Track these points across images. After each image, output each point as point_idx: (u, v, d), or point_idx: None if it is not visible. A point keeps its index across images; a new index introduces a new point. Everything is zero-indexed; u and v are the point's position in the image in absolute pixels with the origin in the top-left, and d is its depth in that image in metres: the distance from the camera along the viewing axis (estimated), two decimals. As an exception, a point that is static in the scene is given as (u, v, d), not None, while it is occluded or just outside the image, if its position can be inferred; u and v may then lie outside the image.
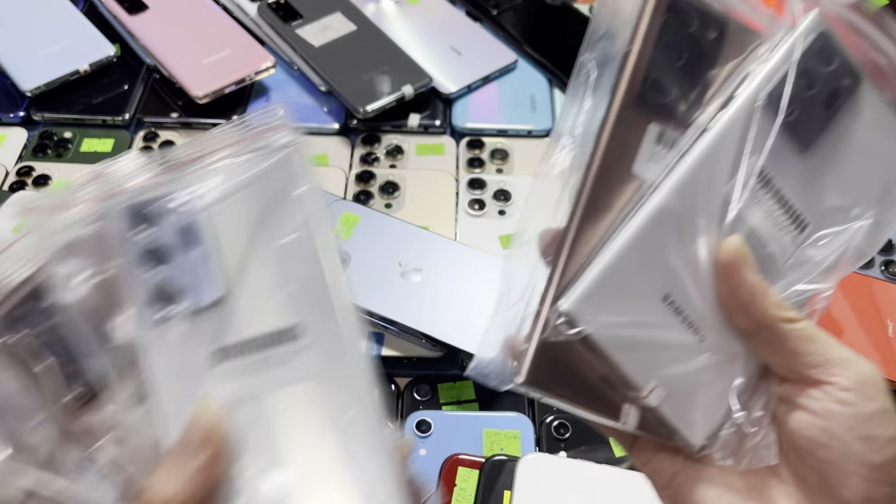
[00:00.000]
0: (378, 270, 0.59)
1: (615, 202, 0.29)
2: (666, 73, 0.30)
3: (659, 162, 0.30)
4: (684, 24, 0.30)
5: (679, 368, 0.29)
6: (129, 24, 0.76)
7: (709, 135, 0.30)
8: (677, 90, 0.30)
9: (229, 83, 0.72)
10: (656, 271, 0.29)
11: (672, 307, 0.29)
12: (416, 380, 0.58)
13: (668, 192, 0.29)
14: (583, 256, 0.29)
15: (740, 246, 0.29)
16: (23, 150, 0.72)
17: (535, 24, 0.83)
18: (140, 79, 0.77)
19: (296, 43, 0.75)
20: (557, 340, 0.28)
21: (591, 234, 0.29)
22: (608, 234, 0.29)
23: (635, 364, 0.29)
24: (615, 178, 0.29)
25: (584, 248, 0.29)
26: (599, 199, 0.29)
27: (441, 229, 0.64)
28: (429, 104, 0.75)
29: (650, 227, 0.29)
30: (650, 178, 0.30)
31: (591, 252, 0.29)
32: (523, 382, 0.29)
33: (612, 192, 0.29)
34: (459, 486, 0.51)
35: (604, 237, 0.29)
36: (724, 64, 0.31)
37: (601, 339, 0.28)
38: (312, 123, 0.74)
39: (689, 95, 0.30)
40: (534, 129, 0.75)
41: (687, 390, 0.29)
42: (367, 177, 0.69)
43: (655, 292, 0.29)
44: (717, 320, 0.29)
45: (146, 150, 0.72)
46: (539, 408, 0.57)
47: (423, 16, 0.83)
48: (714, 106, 0.30)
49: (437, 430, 0.54)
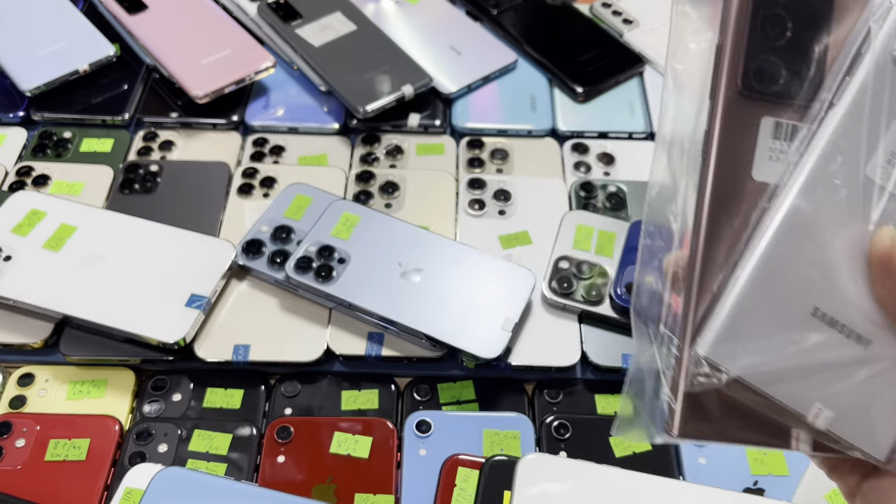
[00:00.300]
0: (378, 270, 0.59)
1: (740, 216, 0.26)
2: (769, 55, 0.26)
3: (781, 159, 0.26)
4: None
5: (844, 384, 0.26)
6: (128, 23, 0.76)
7: (836, 110, 0.25)
8: (786, 71, 0.26)
9: (229, 83, 0.72)
10: (798, 285, 0.25)
11: (824, 320, 0.26)
12: (416, 380, 0.58)
13: (796, 192, 0.25)
14: (715, 286, 0.26)
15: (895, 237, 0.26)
16: (22, 149, 0.72)
17: (535, 24, 0.83)
18: (140, 79, 0.77)
19: (296, 43, 0.75)
20: (704, 388, 0.26)
21: (720, 257, 0.26)
22: (738, 254, 0.26)
23: (793, 392, 0.26)
24: (734, 189, 0.26)
25: (714, 275, 0.26)
26: (721, 217, 0.26)
27: (441, 229, 0.64)
28: (429, 104, 0.75)
29: (783, 237, 0.25)
30: (774, 181, 0.26)
31: (723, 279, 0.26)
32: (678, 436, 0.27)
33: (734, 206, 0.26)
34: (459, 486, 0.51)
35: (734, 259, 0.26)
36: (839, 23, 0.26)
37: (750, 377, 0.25)
38: (312, 123, 0.74)
39: (801, 73, 0.26)
40: (534, 129, 0.75)
41: (858, 405, 0.27)
42: (366, 177, 0.69)
43: (802, 309, 0.26)
44: (879, 323, 0.26)
45: (146, 151, 0.72)
46: (539, 408, 0.57)
47: (423, 15, 0.83)
48: (835, 75, 0.26)
49: (437, 430, 0.54)
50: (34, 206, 0.62)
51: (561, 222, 0.64)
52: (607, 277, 0.60)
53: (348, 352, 0.58)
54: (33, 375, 0.57)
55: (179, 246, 0.61)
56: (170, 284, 0.58)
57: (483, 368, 0.59)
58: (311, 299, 0.60)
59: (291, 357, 0.58)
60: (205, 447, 0.53)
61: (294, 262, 0.58)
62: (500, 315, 0.57)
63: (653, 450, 0.54)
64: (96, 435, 0.53)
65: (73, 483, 0.51)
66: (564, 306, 0.60)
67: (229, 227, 0.66)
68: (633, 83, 0.79)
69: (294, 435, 0.54)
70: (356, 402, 0.57)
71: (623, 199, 0.68)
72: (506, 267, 0.60)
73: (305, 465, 0.52)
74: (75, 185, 0.68)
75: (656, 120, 0.76)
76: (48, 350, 0.58)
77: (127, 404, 0.56)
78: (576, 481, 0.48)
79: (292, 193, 0.65)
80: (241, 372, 0.58)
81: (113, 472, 0.52)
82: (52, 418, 0.54)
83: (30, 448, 0.52)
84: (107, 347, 0.57)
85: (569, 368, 0.58)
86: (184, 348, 0.57)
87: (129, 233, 0.62)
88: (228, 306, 0.60)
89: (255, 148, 0.73)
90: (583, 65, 0.79)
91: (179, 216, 0.65)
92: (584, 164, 0.72)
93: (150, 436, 0.54)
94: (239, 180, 0.69)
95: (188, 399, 0.57)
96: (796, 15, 0.26)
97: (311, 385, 0.58)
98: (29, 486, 0.51)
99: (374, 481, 0.52)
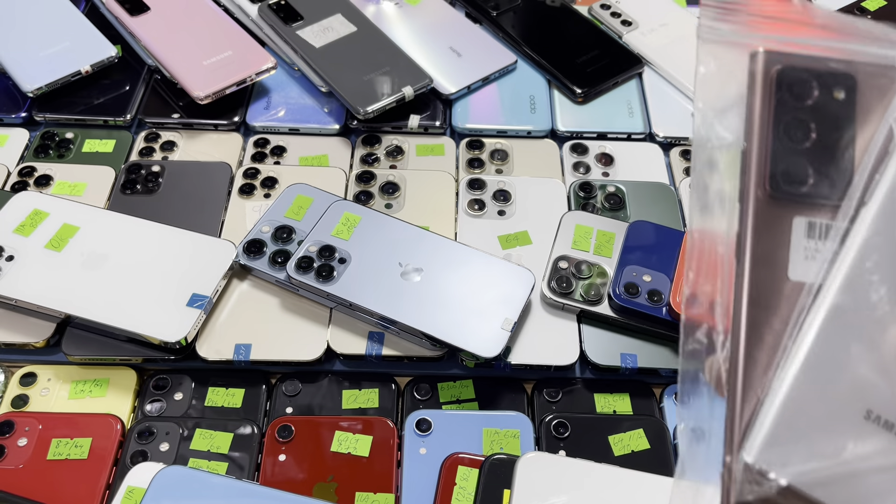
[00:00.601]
0: (378, 270, 0.59)
1: (780, 317, 0.26)
2: (795, 157, 0.26)
3: (816, 258, 0.26)
4: (802, 97, 0.26)
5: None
6: (130, 25, 0.77)
7: (868, 208, 0.25)
8: (814, 172, 0.26)
9: (230, 84, 0.73)
10: (848, 387, 0.25)
11: (879, 423, 0.25)
12: (416, 379, 0.59)
13: (836, 291, 0.25)
14: (759, 389, 0.25)
15: None
16: (24, 150, 0.72)
17: (535, 26, 0.83)
18: (141, 79, 0.77)
19: (296, 44, 0.75)
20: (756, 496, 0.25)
21: (762, 359, 0.26)
22: (781, 356, 0.25)
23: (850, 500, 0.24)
24: (772, 291, 0.26)
25: (758, 378, 0.25)
26: (761, 319, 0.26)
27: (441, 229, 0.65)
28: (429, 105, 0.76)
29: (826, 338, 0.25)
30: (811, 280, 0.26)
31: (767, 383, 0.25)
32: None
33: (772, 308, 0.26)
34: (459, 484, 0.51)
35: (777, 360, 0.25)
36: (863, 124, 0.26)
37: (802, 484, 0.24)
38: (313, 124, 0.75)
39: (829, 173, 0.26)
40: (533, 130, 0.75)
41: None
42: (367, 177, 0.70)
43: (854, 411, 0.25)
44: None
45: (148, 152, 0.72)
46: (538, 407, 0.57)
47: (422, 17, 0.83)
48: (863, 174, 0.26)
49: (436, 429, 0.54)
50: (36, 207, 0.63)
51: (560, 222, 0.64)
52: (606, 277, 0.61)
53: (349, 351, 0.58)
54: (35, 375, 0.58)
55: (181, 246, 0.62)
56: (171, 284, 0.59)
57: (483, 368, 0.59)
58: (312, 299, 0.60)
59: (292, 356, 0.58)
60: (206, 446, 0.54)
61: (295, 261, 0.59)
62: (500, 314, 0.57)
63: (651, 449, 0.54)
64: (98, 434, 0.53)
65: (75, 482, 0.51)
66: (563, 306, 0.60)
67: (230, 227, 0.66)
68: (632, 84, 0.80)
69: (295, 434, 0.54)
70: (357, 401, 0.57)
71: (622, 200, 0.69)
72: (505, 267, 0.60)
73: (306, 464, 0.53)
74: (77, 185, 0.68)
75: (655, 121, 0.76)
76: (50, 349, 0.59)
77: (129, 403, 0.57)
78: (575, 480, 0.48)
79: (293, 194, 0.65)
80: (243, 371, 0.59)
81: (115, 470, 0.52)
82: (54, 417, 0.54)
83: (32, 447, 0.53)
84: (109, 347, 0.58)
85: (568, 368, 0.58)
86: (185, 347, 0.57)
87: (131, 233, 0.62)
88: (230, 306, 0.60)
89: (256, 148, 0.73)
90: (582, 66, 0.79)
91: (181, 216, 0.65)
92: (583, 165, 0.73)
93: (152, 435, 0.54)
94: (240, 181, 0.69)
95: (189, 398, 0.57)
96: (819, 118, 0.26)
97: (311, 384, 0.58)
98: (31, 485, 0.51)
99: (375, 480, 0.52)
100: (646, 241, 0.62)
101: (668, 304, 0.57)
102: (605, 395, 0.58)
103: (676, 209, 0.68)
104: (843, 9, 0.87)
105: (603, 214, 0.67)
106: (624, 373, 0.59)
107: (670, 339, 0.59)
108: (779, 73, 0.26)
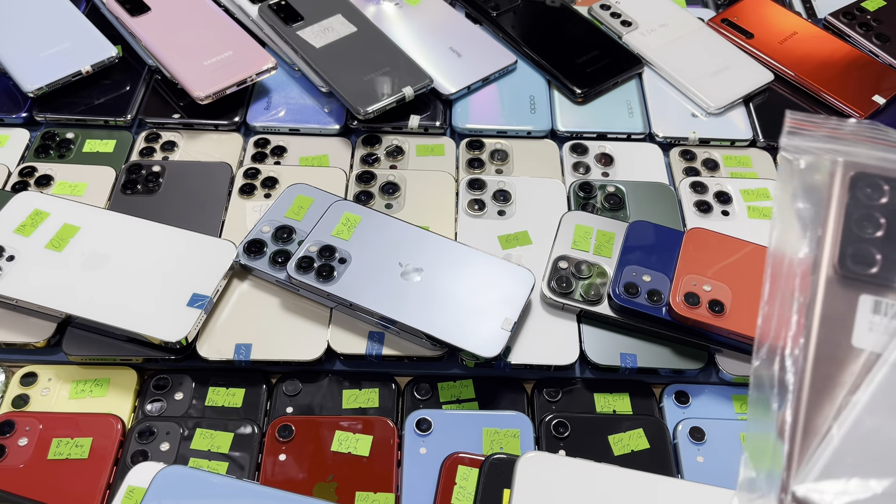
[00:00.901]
0: (378, 270, 0.59)
1: (841, 378, 0.29)
2: (865, 245, 0.30)
3: (880, 332, 0.29)
4: (875, 196, 0.30)
5: None
6: (130, 25, 0.77)
7: None
8: (883, 259, 0.30)
9: (231, 84, 0.73)
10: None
11: None
12: (416, 379, 0.59)
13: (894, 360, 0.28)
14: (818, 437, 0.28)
15: None
16: (25, 150, 0.72)
17: (535, 26, 0.83)
18: (142, 80, 0.77)
19: (297, 44, 0.76)
20: None
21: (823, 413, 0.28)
22: (841, 408, 0.28)
23: None
24: (835, 354, 0.29)
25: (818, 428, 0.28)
26: (823, 376, 0.29)
27: (441, 229, 0.65)
28: (429, 105, 0.76)
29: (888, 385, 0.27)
30: (872, 348, 0.29)
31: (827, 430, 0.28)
32: None
33: (835, 368, 0.29)
34: (459, 484, 0.51)
35: (837, 412, 0.28)
36: None
37: None
38: (313, 124, 0.75)
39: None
40: (533, 130, 0.75)
41: None
42: (367, 177, 0.70)
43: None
44: None
45: (148, 152, 0.72)
46: (538, 407, 0.57)
47: (423, 17, 0.83)
48: None
49: (437, 428, 0.54)
50: (37, 207, 0.63)
51: (560, 222, 0.64)
52: (606, 277, 0.61)
53: (349, 351, 0.58)
54: (36, 374, 0.58)
55: (181, 246, 0.62)
56: (172, 284, 0.59)
57: (483, 367, 0.59)
58: (312, 299, 0.60)
59: (292, 356, 0.58)
60: (206, 446, 0.54)
61: (295, 261, 0.59)
62: (500, 314, 0.57)
63: (651, 448, 0.54)
64: (99, 434, 0.54)
65: (75, 481, 0.51)
66: (563, 306, 0.60)
67: (231, 227, 0.66)
68: (632, 84, 0.80)
69: (295, 433, 0.54)
70: (357, 400, 0.57)
71: (621, 200, 0.69)
72: (505, 266, 0.61)
73: (306, 464, 0.53)
74: (78, 185, 0.69)
75: (655, 121, 0.76)
76: (51, 349, 0.59)
77: (129, 403, 0.57)
78: (575, 480, 0.48)
79: (293, 194, 0.65)
80: (243, 371, 0.59)
81: (115, 470, 0.52)
82: (55, 417, 0.54)
83: (32, 447, 0.53)
84: (109, 346, 0.58)
85: (568, 367, 0.59)
86: (186, 347, 0.57)
87: (132, 233, 0.62)
88: (230, 306, 0.60)
89: (256, 149, 0.73)
90: (582, 66, 0.79)
91: (181, 216, 0.65)
92: (582, 165, 0.73)
93: (152, 434, 0.54)
94: (240, 181, 0.69)
95: (190, 398, 0.57)
96: (889, 213, 0.30)
97: (312, 384, 0.58)
98: (32, 484, 0.51)
99: (375, 479, 0.52)
100: (645, 241, 0.62)
101: (667, 304, 0.57)
102: (605, 395, 0.58)
103: (676, 209, 0.69)
104: (843, 9, 0.88)
105: (603, 214, 0.67)
106: (624, 373, 0.59)
107: (670, 339, 0.59)
108: (853, 177, 0.30)
